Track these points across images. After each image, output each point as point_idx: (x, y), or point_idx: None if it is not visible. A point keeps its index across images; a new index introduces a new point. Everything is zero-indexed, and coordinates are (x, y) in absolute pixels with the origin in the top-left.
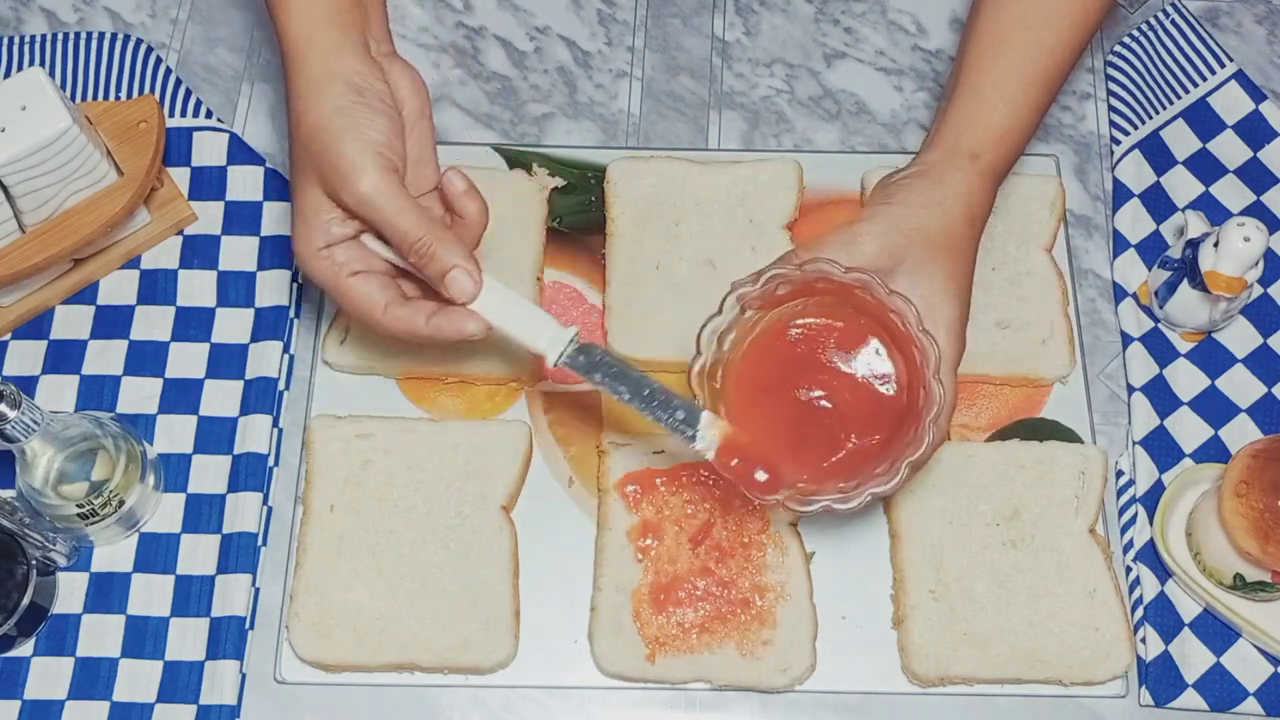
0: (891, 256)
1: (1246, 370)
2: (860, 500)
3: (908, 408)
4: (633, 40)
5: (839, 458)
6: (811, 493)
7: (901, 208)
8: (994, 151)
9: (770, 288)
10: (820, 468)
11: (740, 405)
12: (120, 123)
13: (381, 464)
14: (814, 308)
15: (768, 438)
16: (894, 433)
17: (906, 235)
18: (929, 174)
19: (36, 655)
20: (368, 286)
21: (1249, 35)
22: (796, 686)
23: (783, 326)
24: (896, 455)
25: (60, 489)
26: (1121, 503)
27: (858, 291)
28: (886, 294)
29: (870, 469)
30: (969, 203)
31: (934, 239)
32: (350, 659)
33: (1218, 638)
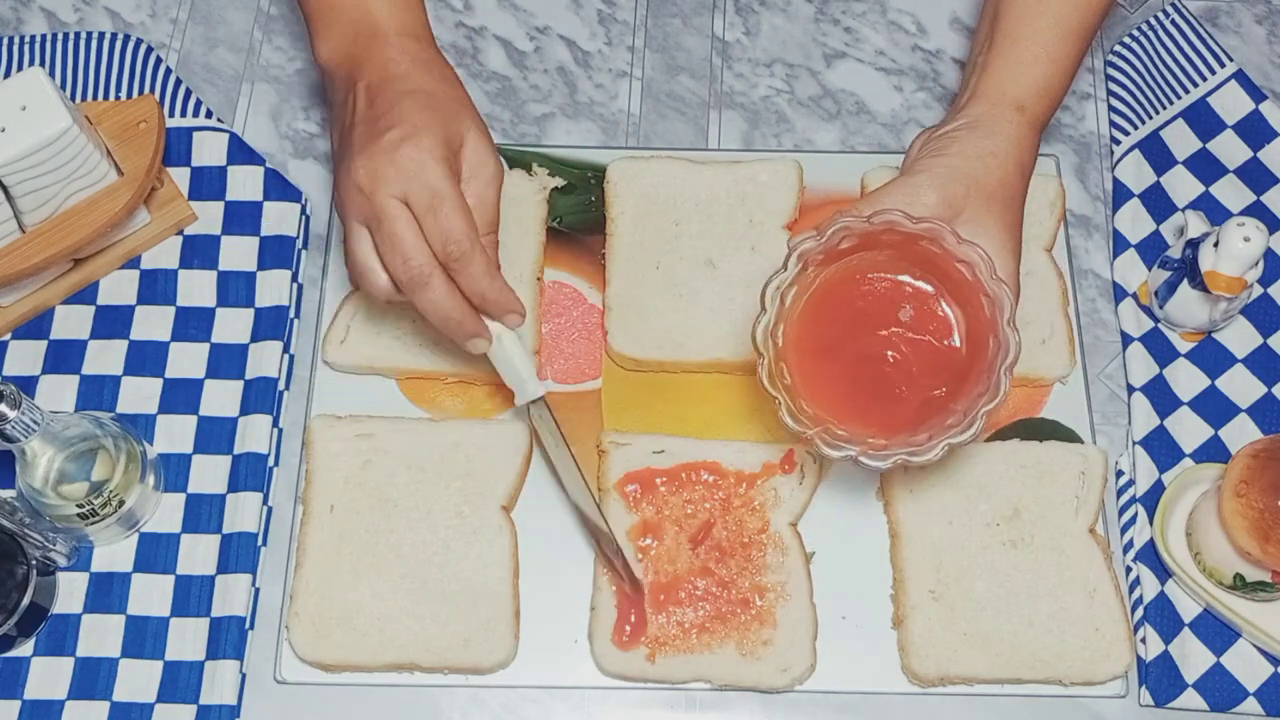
0: (951, 207)
1: (1246, 370)
2: (936, 452)
3: (971, 360)
4: (633, 40)
5: (904, 411)
6: (882, 448)
7: (957, 158)
8: (1039, 103)
9: (834, 241)
10: (886, 422)
11: (802, 363)
12: (120, 123)
13: (381, 464)
14: (873, 262)
15: (831, 395)
16: (958, 385)
17: (965, 186)
18: (979, 126)
19: (36, 655)
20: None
21: (1249, 35)
22: (796, 686)
23: (842, 282)
24: (969, 406)
25: (60, 489)
26: (1121, 503)
27: (923, 242)
28: (957, 243)
29: (939, 421)
30: (1020, 154)
31: (991, 190)
32: (350, 659)
33: (1218, 638)
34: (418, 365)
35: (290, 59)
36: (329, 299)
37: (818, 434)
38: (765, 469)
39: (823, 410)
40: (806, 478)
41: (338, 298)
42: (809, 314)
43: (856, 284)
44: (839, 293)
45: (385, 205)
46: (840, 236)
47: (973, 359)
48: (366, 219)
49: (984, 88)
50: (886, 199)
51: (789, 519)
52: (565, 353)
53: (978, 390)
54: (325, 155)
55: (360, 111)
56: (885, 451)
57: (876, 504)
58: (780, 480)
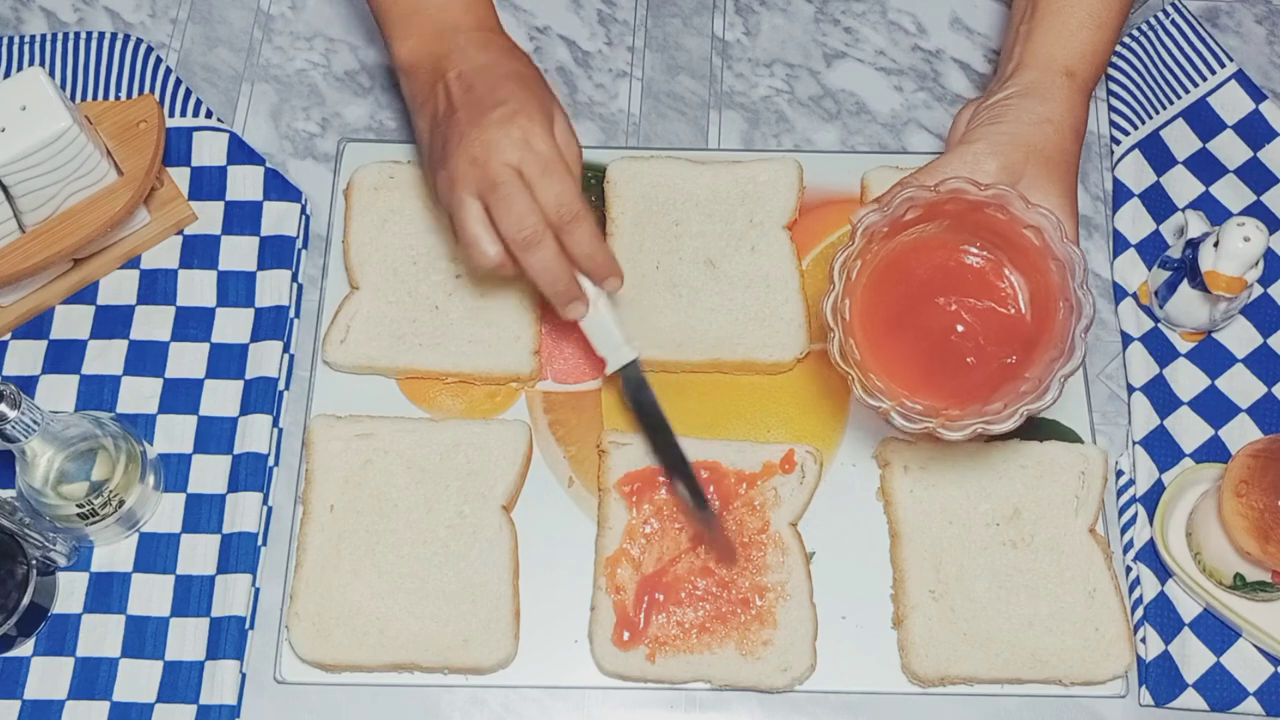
0: (1011, 174)
1: (1246, 370)
2: (1014, 420)
3: (1038, 327)
4: (633, 40)
5: (975, 381)
6: (957, 419)
7: (1015, 125)
8: (1088, 68)
9: (899, 212)
10: (957, 393)
11: (869, 338)
12: (120, 123)
13: (381, 464)
14: (934, 233)
15: (901, 368)
16: (1027, 352)
17: (1024, 153)
18: (1032, 93)
19: (36, 655)
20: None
21: (1249, 35)
22: (797, 686)
23: (904, 255)
24: (1043, 372)
25: (60, 489)
26: (1121, 503)
27: (988, 210)
28: (1026, 207)
29: (1011, 389)
30: (1075, 120)
31: (1050, 156)
32: (350, 659)
33: (1218, 638)
34: (418, 365)
35: (290, 59)
36: (329, 299)
37: (893, 407)
38: (765, 469)
39: (894, 384)
40: (806, 477)
41: (338, 298)
42: (873, 288)
43: (919, 256)
44: (902, 266)
45: (500, 172)
46: (905, 207)
47: (1040, 326)
48: (480, 188)
49: (1031, 55)
50: (947, 168)
51: (789, 519)
52: (565, 353)
53: (1050, 355)
54: (325, 155)
55: (459, 97)
56: (962, 422)
57: (876, 504)
58: (780, 480)
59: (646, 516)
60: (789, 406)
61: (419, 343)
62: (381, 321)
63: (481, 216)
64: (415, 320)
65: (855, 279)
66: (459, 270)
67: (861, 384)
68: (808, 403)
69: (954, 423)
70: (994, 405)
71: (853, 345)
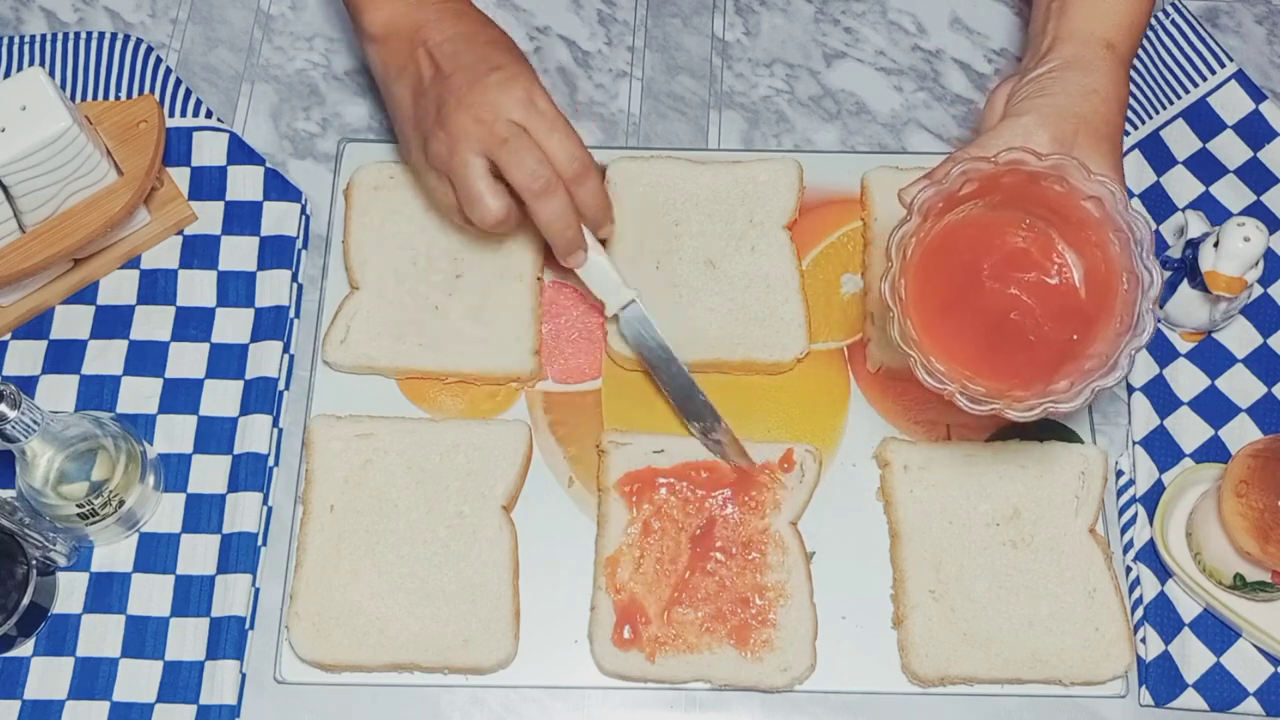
0: (1062, 145)
1: (1246, 370)
2: (1083, 398)
3: (1097, 303)
4: (633, 40)
5: (1037, 361)
6: (1022, 399)
7: (1062, 97)
8: (1126, 40)
9: (955, 186)
10: (1019, 374)
11: (924, 318)
12: (120, 123)
13: (381, 464)
14: (983, 211)
15: (960, 350)
16: (1087, 329)
17: (1074, 125)
18: (1075, 65)
19: (36, 655)
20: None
21: (1249, 35)
22: (797, 686)
23: (954, 233)
24: (1110, 348)
25: (60, 489)
26: (1121, 503)
27: (1045, 181)
28: (1087, 177)
29: (1075, 367)
30: (1119, 91)
31: (1098, 128)
32: (350, 659)
33: (1218, 638)
34: (418, 365)
35: (290, 59)
36: (329, 299)
37: (957, 390)
38: (765, 468)
39: (955, 365)
40: (806, 477)
41: (338, 298)
42: (924, 268)
43: (968, 235)
44: (952, 245)
45: (508, 128)
46: (961, 180)
47: (1099, 302)
48: (486, 145)
49: (1068, 30)
50: (998, 141)
51: (789, 518)
52: (565, 353)
53: (1115, 330)
54: (325, 155)
55: (446, 62)
56: (1028, 403)
57: (876, 504)
58: (780, 479)
59: (646, 516)
60: (789, 406)
61: (419, 343)
62: (382, 321)
63: (484, 173)
64: (415, 320)
65: (915, 252)
66: (459, 270)
67: (924, 366)
68: (807, 402)
69: (1020, 404)
70: (1060, 384)
71: (910, 326)
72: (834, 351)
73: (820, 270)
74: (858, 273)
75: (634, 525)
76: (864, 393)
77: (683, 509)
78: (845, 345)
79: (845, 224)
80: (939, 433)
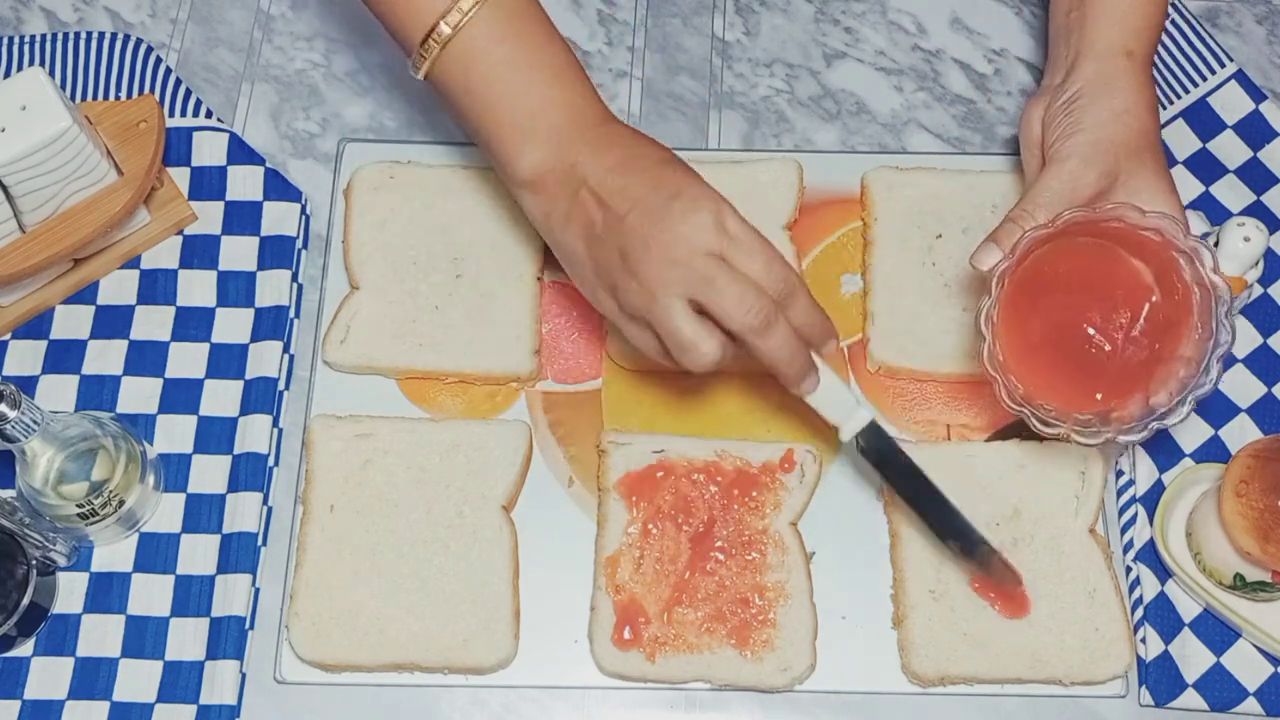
0: (1108, 178)
1: (1246, 370)
2: (1188, 408)
3: (1176, 308)
4: (633, 40)
5: (1123, 374)
6: (1129, 419)
7: (1095, 131)
8: (1144, 42)
9: (1025, 251)
10: (1109, 391)
11: (1022, 366)
12: (120, 123)
13: (381, 464)
14: (1058, 247)
15: (1053, 385)
16: (1169, 334)
17: (1113, 154)
18: (1097, 87)
19: (36, 655)
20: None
21: (1249, 35)
22: (796, 686)
23: (1028, 277)
24: (1197, 353)
25: (60, 489)
26: (1121, 503)
27: (1104, 222)
28: (1142, 216)
29: (1167, 373)
30: (1146, 98)
31: (1136, 147)
32: (350, 659)
33: (1218, 638)
34: (418, 365)
35: (290, 59)
36: (329, 299)
37: (1070, 429)
38: (765, 468)
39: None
40: (806, 477)
41: (338, 298)
42: (1007, 318)
43: (1043, 272)
44: (1029, 288)
45: (708, 265)
46: (1030, 245)
47: (1179, 308)
48: (689, 287)
49: (1088, 44)
50: (1048, 195)
51: (789, 518)
52: (565, 353)
53: (1200, 337)
54: (325, 155)
55: (615, 200)
56: (1135, 422)
57: (877, 503)
58: (781, 480)
59: (646, 516)
60: (789, 406)
61: (419, 343)
62: (381, 321)
63: (691, 316)
64: (415, 320)
65: (996, 324)
66: (459, 270)
67: (1038, 418)
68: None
69: (1128, 425)
70: (1160, 397)
71: (1014, 381)
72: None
73: (820, 270)
74: (858, 273)
75: (634, 525)
76: (864, 393)
77: (683, 509)
78: (845, 345)
79: (845, 224)
80: (939, 432)
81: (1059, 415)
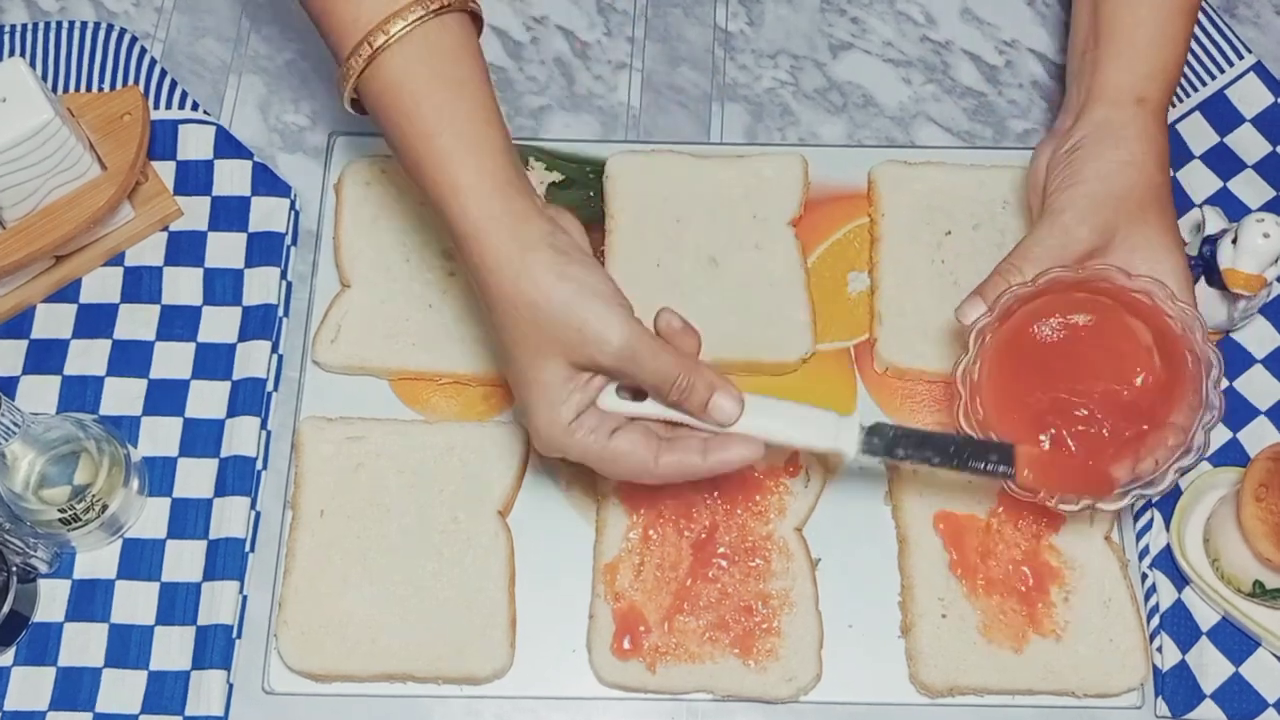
0: (1104, 234)
1: (1265, 371)
2: (1170, 479)
3: (1172, 368)
4: (633, 30)
5: (1114, 449)
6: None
7: (1095, 183)
8: (1160, 90)
9: (1006, 308)
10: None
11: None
12: (103, 115)
13: (373, 467)
14: (1046, 305)
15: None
16: (1164, 395)
17: (1113, 208)
18: (1103, 135)
19: (17, 665)
20: (631, 442)
21: (1267, 26)
22: (802, 697)
23: (1013, 336)
24: (1187, 421)
25: (41, 493)
26: (1137, 508)
27: (1090, 282)
28: (1129, 279)
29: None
30: (1156, 149)
31: (1140, 200)
32: (341, 668)
33: (1236, 647)
34: (411, 365)
35: (279, 49)
36: (319, 297)
37: (1048, 496)
38: (770, 472)
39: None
40: (812, 481)
41: (328, 296)
42: (990, 378)
43: (1027, 332)
44: (1013, 348)
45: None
46: (1010, 301)
47: (1174, 368)
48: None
49: (1100, 87)
50: (1039, 250)
51: (794, 524)
52: None
53: (1191, 405)
54: (315, 149)
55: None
56: (1118, 490)
57: (884, 508)
58: (785, 484)
59: (647, 522)
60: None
61: (412, 342)
62: (373, 320)
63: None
64: (408, 319)
65: (979, 357)
66: (453, 268)
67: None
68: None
69: (1110, 495)
70: (1145, 465)
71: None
72: (840, 352)
73: (826, 268)
74: (864, 270)
75: (634, 531)
76: (871, 394)
77: (684, 514)
78: (852, 345)
79: (852, 220)
80: None
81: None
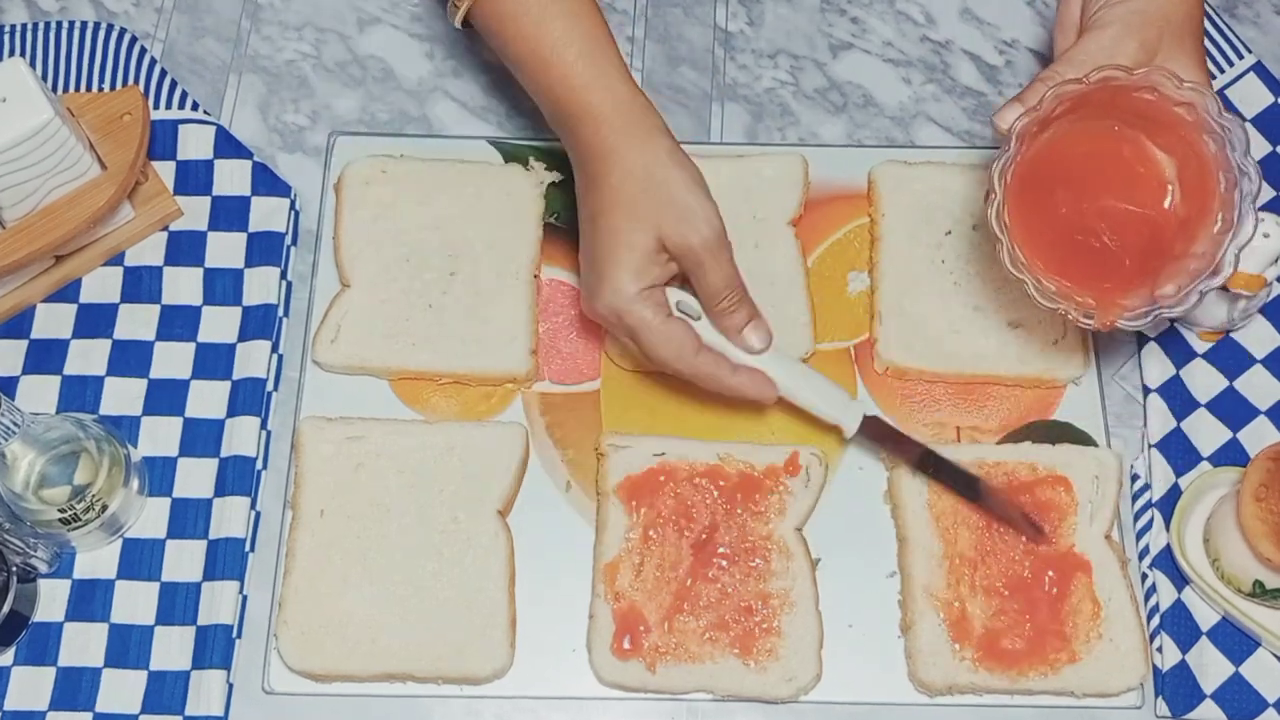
0: (1149, 51)
1: (1266, 371)
2: (1193, 300)
3: (1195, 201)
4: (633, 30)
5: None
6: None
7: (1142, 1)
8: None
9: (1049, 109)
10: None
11: (1030, 242)
12: (103, 115)
13: (373, 467)
14: (1077, 121)
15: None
16: (1185, 230)
17: (1158, 27)
18: None
19: (17, 665)
20: (683, 329)
21: (1267, 26)
22: (802, 697)
23: (1052, 151)
24: (1212, 247)
25: (41, 493)
26: (1137, 507)
27: (1135, 93)
28: (1178, 86)
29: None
30: None
31: (1181, 26)
32: (341, 669)
33: (1236, 647)
34: (411, 365)
35: (279, 49)
36: (319, 297)
37: (1072, 307)
38: (769, 472)
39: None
40: (812, 481)
41: (328, 296)
42: (1024, 194)
43: (1063, 152)
44: (1048, 166)
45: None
46: (1055, 104)
47: (1197, 201)
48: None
49: None
50: (1085, 56)
51: (794, 523)
52: (563, 352)
53: (1219, 229)
54: (315, 148)
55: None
56: (1139, 310)
57: (884, 507)
58: (785, 483)
59: (647, 521)
60: (794, 408)
61: (412, 342)
62: (373, 320)
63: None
64: (408, 319)
65: (1010, 184)
66: (454, 267)
67: (1038, 288)
68: None
69: (1130, 312)
70: (1166, 289)
71: (1019, 251)
72: (841, 351)
73: (826, 268)
74: (864, 270)
75: (634, 531)
76: (872, 394)
77: (684, 514)
78: (852, 345)
79: (852, 220)
80: (949, 435)
81: (1060, 294)
